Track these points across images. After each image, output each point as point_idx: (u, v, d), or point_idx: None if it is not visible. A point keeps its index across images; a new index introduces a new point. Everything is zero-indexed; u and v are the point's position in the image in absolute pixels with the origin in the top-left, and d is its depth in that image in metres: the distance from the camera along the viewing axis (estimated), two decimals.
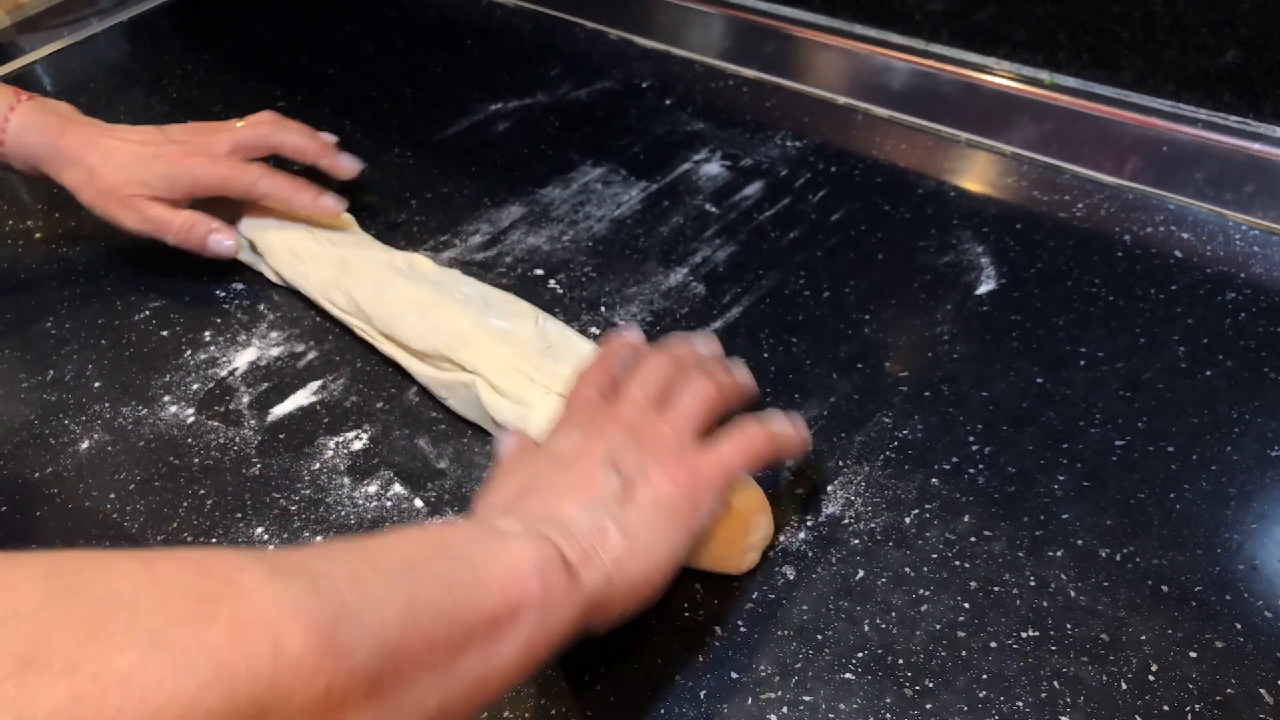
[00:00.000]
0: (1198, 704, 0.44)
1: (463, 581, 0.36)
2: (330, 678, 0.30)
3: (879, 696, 0.46)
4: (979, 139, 0.78)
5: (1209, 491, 0.53)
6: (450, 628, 0.34)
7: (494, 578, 0.37)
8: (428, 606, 0.34)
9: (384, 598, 0.33)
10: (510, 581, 0.37)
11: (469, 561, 0.37)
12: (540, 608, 0.37)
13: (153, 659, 0.26)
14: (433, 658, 0.34)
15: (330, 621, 0.30)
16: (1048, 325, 0.62)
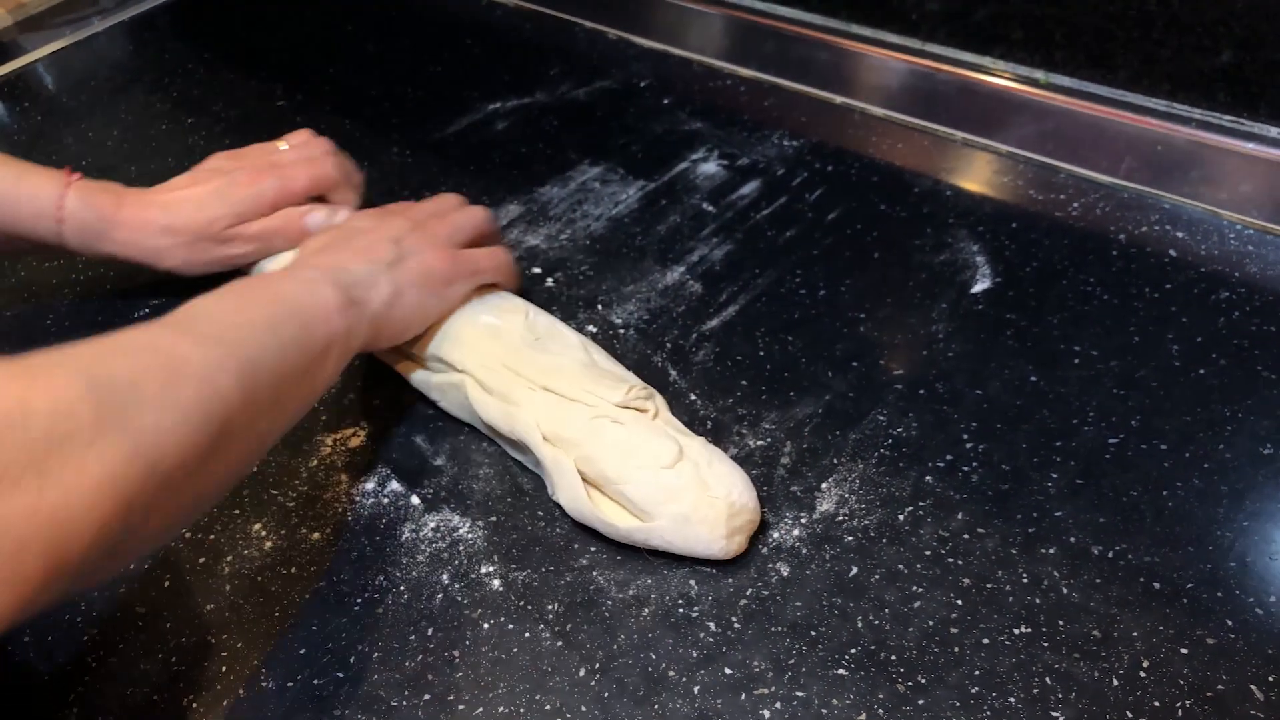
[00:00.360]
0: (1188, 700, 0.44)
1: (302, 324, 0.50)
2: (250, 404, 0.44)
3: (872, 692, 0.46)
4: (975, 138, 0.78)
5: (1201, 489, 0.53)
6: (303, 359, 0.49)
7: (317, 323, 0.50)
8: (291, 347, 0.48)
9: (268, 346, 0.47)
10: (326, 321, 0.51)
11: (299, 309, 0.50)
12: (344, 337, 0.52)
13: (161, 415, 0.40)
14: (298, 380, 0.49)
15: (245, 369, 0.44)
16: (1042, 324, 0.63)
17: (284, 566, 0.53)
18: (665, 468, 0.51)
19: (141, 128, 0.92)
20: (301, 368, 0.49)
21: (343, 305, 0.52)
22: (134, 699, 0.48)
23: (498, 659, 0.48)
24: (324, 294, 0.52)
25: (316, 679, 0.48)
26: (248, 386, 0.44)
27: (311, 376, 0.50)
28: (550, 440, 0.53)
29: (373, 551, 0.54)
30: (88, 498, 0.35)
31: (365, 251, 0.57)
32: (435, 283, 0.58)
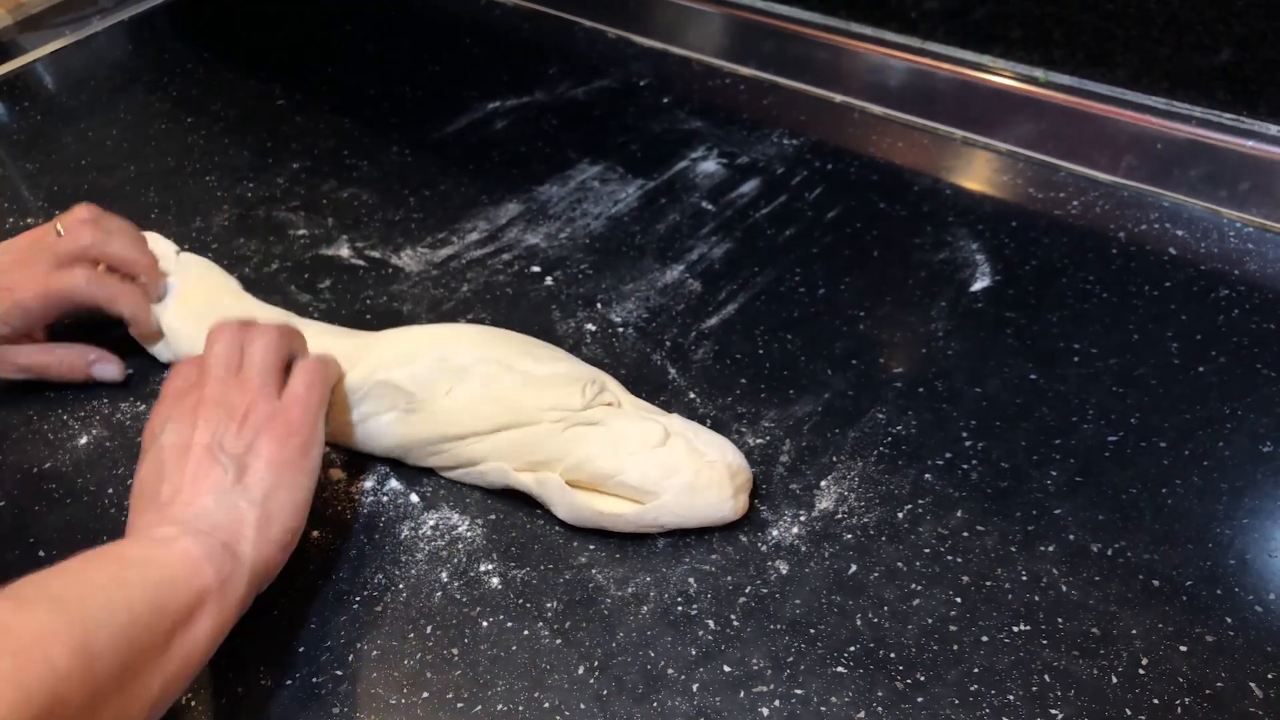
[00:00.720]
0: (1188, 697, 0.44)
1: (158, 582, 0.42)
2: (93, 682, 0.36)
3: (870, 690, 0.46)
4: (975, 137, 0.78)
5: (1200, 487, 0.53)
6: (161, 619, 0.41)
7: (178, 575, 0.43)
8: (143, 607, 0.40)
9: (112, 606, 0.39)
10: (191, 576, 0.43)
11: (155, 566, 0.43)
12: (218, 588, 0.44)
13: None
14: (155, 648, 0.40)
15: (81, 636, 0.37)
16: (1042, 322, 0.63)
17: None
18: (657, 447, 0.52)
19: (141, 127, 0.92)
20: (161, 631, 0.41)
21: (209, 553, 0.44)
22: None
23: (496, 657, 0.48)
24: (184, 547, 0.44)
25: (315, 677, 0.48)
26: (89, 658, 0.36)
27: (177, 642, 0.41)
28: (530, 468, 0.53)
29: (371, 550, 0.54)
30: None
31: (201, 480, 0.48)
32: (290, 466, 0.50)
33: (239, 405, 0.51)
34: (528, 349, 0.57)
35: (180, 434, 0.50)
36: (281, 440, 0.50)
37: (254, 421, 0.50)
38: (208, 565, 0.44)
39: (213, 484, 0.48)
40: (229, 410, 0.51)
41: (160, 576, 0.42)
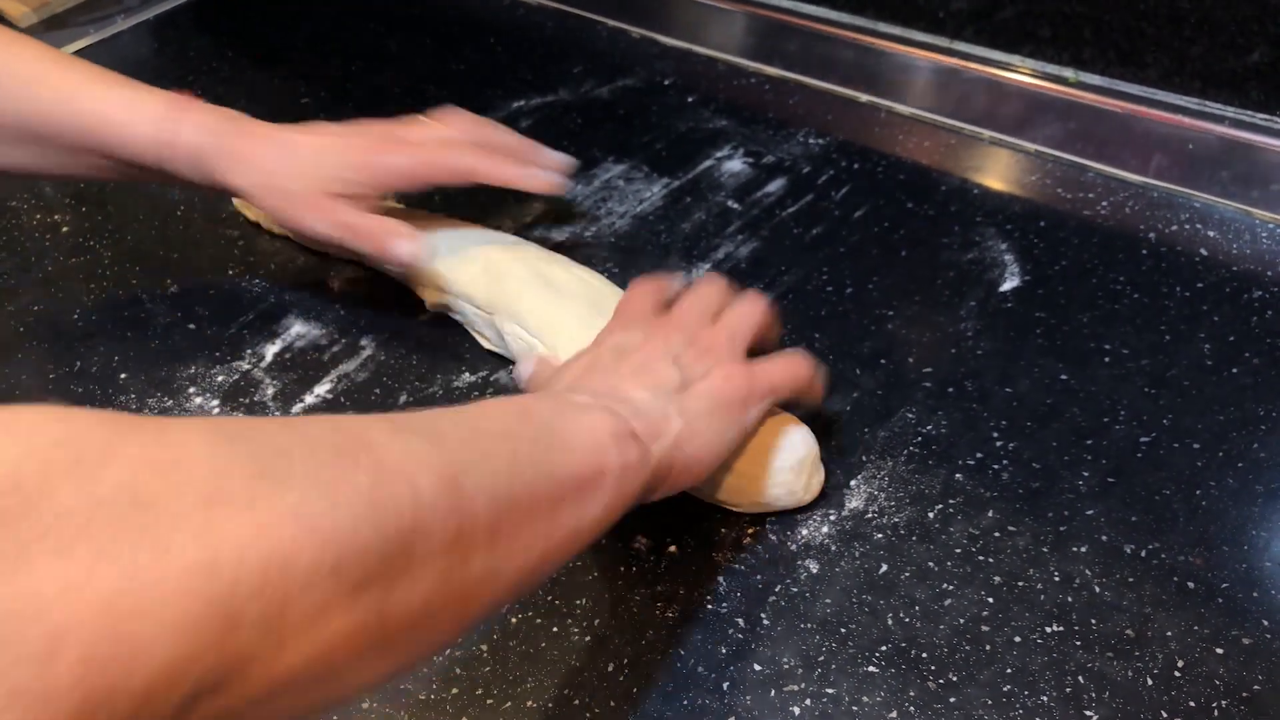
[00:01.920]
0: (1224, 700, 0.44)
1: (553, 445, 0.39)
2: (458, 521, 0.33)
3: (903, 690, 0.45)
4: (1002, 137, 0.78)
5: (1235, 489, 0.52)
6: (547, 483, 0.38)
7: (579, 443, 0.40)
8: (528, 465, 0.37)
9: (493, 453, 0.36)
10: (592, 447, 0.40)
11: (554, 428, 0.40)
12: (618, 472, 0.41)
13: (314, 496, 0.28)
14: (535, 510, 0.37)
15: (452, 470, 0.33)
16: (1072, 322, 0.62)
17: None
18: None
19: None
20: (547, 496, 0.37)
21: (619, 435, 0.42)
22: None
23: (526, 654, 0.48)
24: (593, 419, 0.42)
25: None
26: (457, 494, 0.33)
27: (562, 512, 0.38)
28: None
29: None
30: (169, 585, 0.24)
31: (642, 374, 0.47)
32: (731, 407, 0.48)
33: (703, 341, 0.50)
34: None
35: (633, 339, 0.50)
36: (733, 383, 0.48)
37: (714, 357, 0.49)
38: (613, 445, 0.41)
39: (654, 381, 0.46)
40: (692, 340, 0.50)
41: (557, 441, 0.39)
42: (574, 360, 0.50)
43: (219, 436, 0.28)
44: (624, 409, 0.43)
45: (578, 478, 0.39)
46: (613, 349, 0.49)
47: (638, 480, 0.42)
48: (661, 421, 0.45)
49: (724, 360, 0.49)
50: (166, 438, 0.27)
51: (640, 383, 0.46)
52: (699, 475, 0.47)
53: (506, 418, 0.40)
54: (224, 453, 0.28)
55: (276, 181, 0.61)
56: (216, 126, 0.61)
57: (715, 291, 0.55)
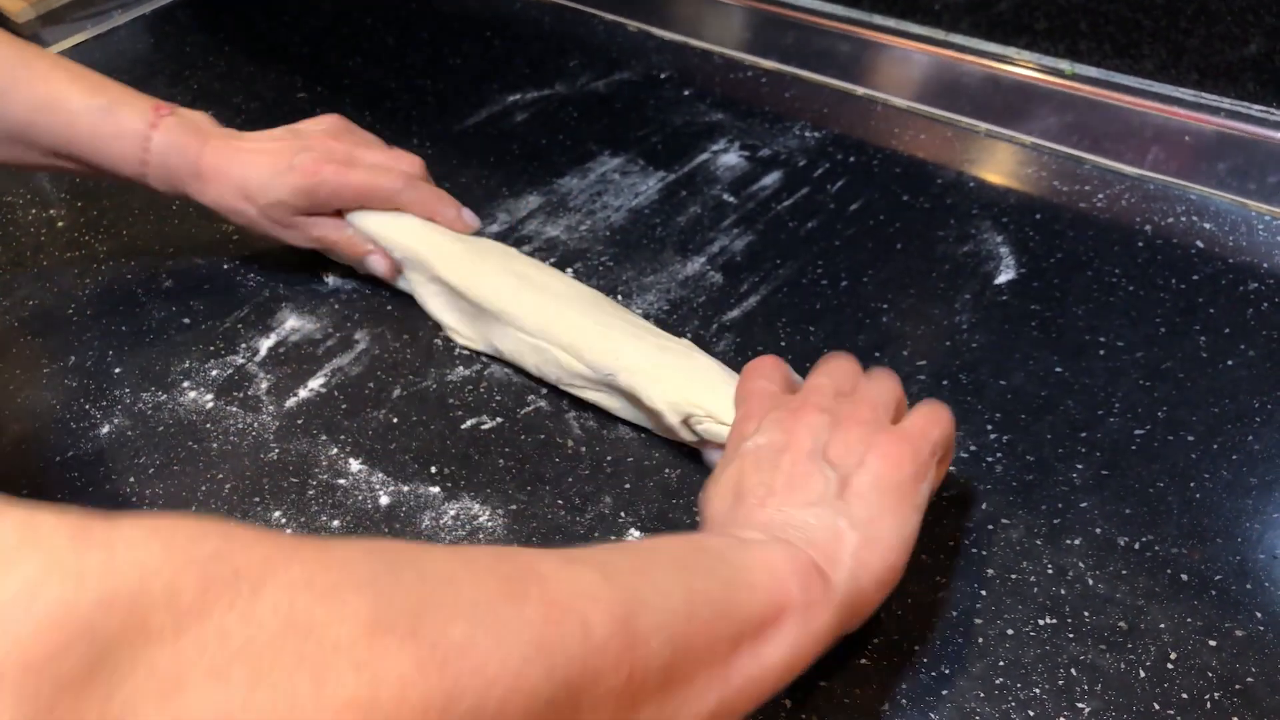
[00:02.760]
0: (1217, 692, 0.44)
1: (730, 580, 0.36)
2: (630, 664, 0.30)
3: (895, 683, 0.45)
4: (999, 129, 0.78)
5: (1229, 481, 0.52)
6: (726, 623, 0.35)
7: (756, 580, 0.37)
8: (705, 601, 0.34)
9: (668, 590, 0.33)
10: (771, 583, 0.37)
11: (730, 563, 0.37)
12: (802, 609, 0.37)
13: (481, 631, 0.27)
14: (712, 653, 0.34)
15: (626, 608, 0.31)
16: (1067, 315, 0.62)
17: None
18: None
19: None
20: (725, 638, 0.34)
21: (800, 569, 0.38)
22: None
23: None
24: (769, 553, 0.38)
25: None
26: (630, 636, 0.30)
27: (741, 656, 0.35)
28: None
29: (392, 539, 0.54)
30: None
31: (798, 489, 0.42)
32: (902, 491, 0.43)
33: (848, 418, 0.45)
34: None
35: (775, 436, 0.44)
36: (895, 463, 0.43)
37: (864, 436, 0.44)
38: (793, 580, 0.37)
39: (812, 493, 0.42)
40: (835, 420, 0.45)
41: (734, 577, 0.36)
42: (719, 480, 0.45)
43: (381, 561, 0.27)
44: (796, 535, 0.40)
45: (759, 617, 0.36)
46: (754, 460, 0.44)
47: (825, 613, 0.38)
48: (835, 543, 0.40)
49: (875, 436, 0.44)
50: (328, 558, 0.26)
51: (800, 499, 0.42)
52: (891, 583, 0.42)
53: (679, 550, 0.38)
54: (386, 579, 0.26)
55: (242, 203, 0.64)
56: (185, 144, 0.63)
57: (846, 363, 0.50)
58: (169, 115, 0.63)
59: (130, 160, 0.63)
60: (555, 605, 0.29)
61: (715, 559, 0.37)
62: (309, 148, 0.65)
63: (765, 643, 0.36)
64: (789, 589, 0.37)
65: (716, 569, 0.36)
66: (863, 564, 0.40)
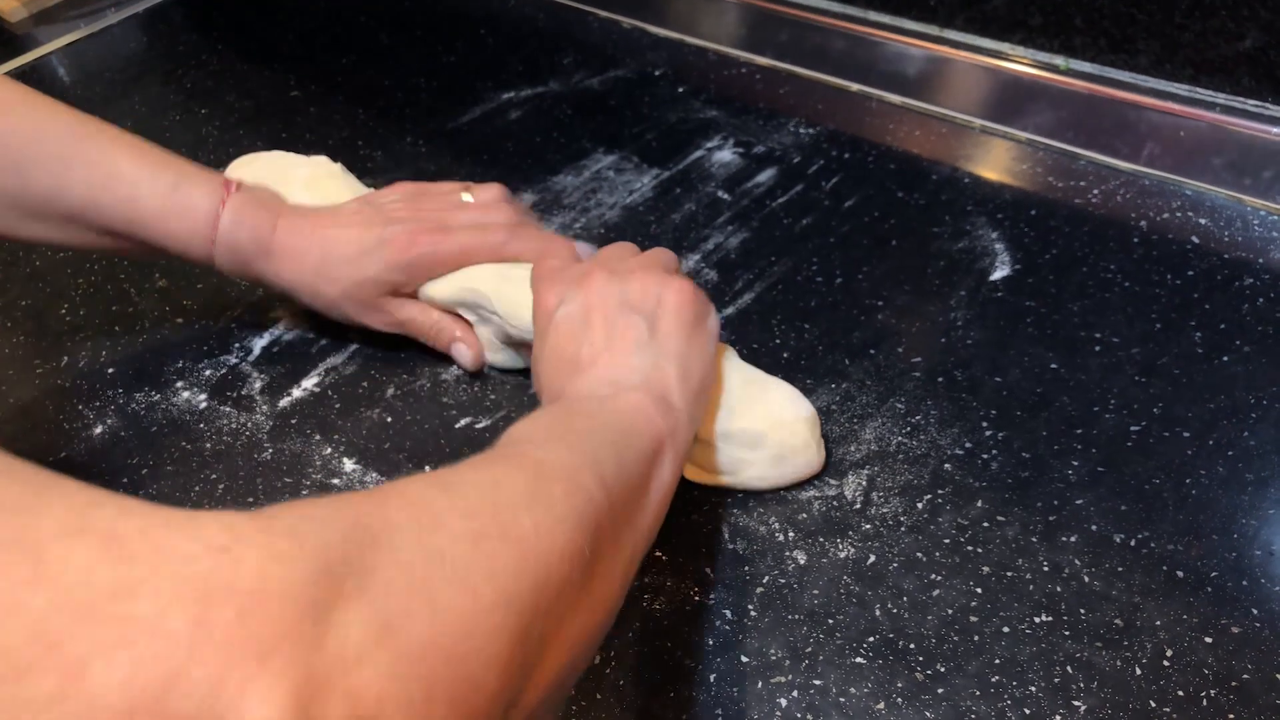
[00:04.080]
0: (1213, 689, 0.44)
1: (625, 431, 0.42)
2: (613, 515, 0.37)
3: (890, 681, 0.45)
4: (993, 125, 0.77)
5: (1225, 477, 0.52)
6: (639, 461, 0.41)
7: (636, 424, 0.43)
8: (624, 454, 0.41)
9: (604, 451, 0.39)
10: (645, 423, 0.43)
11: (618, 420, 0.43)
12: (669, 434, 0.44)
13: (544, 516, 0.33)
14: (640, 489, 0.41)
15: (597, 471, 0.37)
16: (1063, 311, 0.62)
17: None
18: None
19: (155, 119, 0.92)
20: (640, 473, 0.41)
21: (654, 401, 0.45)
22: None
23: None
24: (630, 400, 0.44)
25: None
26: (607, 490, 0.37)
27: (652, 485, 0.42)
28: None
29: None
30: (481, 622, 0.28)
31: (617, 338, 0.48)
32: (697, 325, 0.50)
33: (633, 270, 0.51)
34: None
35: (580, 300, 0.50)
36: (689, 299, 0.49)
37: (654, 279, 0.50)
38: (656, 413, 0.44)
39: (632, 338, 0.47)
40: (623, 276, 0.50)
41: (623, 423, 0.43)
42: (542, 356, 0.50)
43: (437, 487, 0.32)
44: (635, 378, 0.46)
45: (651, 451, 0.42)
46: (568, 328, 0.49)
47: (684, 435, 0.45)
48: (662, 378, 0.46)
49: (666, 279, 0.50)
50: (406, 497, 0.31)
51: (624, 349, 0.47)
52: (704, 405, 0.49)
53: (584, 419, 0.43)
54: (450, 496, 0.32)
55: (321, 286, 0.60)
56: (256, 221, 0.58)
57: (622, 245, 0.56)
58: (238, 192, 0.59)
59: (199, 240, 0.58)
60: (567, 480, 0.35)
61: (608, 419, 0.43)
62: (397, 219, 0.60)
63: (660, 469, 0.43)
64: (657, 423, 0.44)
65: (611, 425, 0.42)
66: (686, 388, 0.47)
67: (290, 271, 0.59)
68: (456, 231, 0.60)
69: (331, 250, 0.59)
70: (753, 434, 0.52)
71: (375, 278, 0.59)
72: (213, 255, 0.59)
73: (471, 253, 0.60)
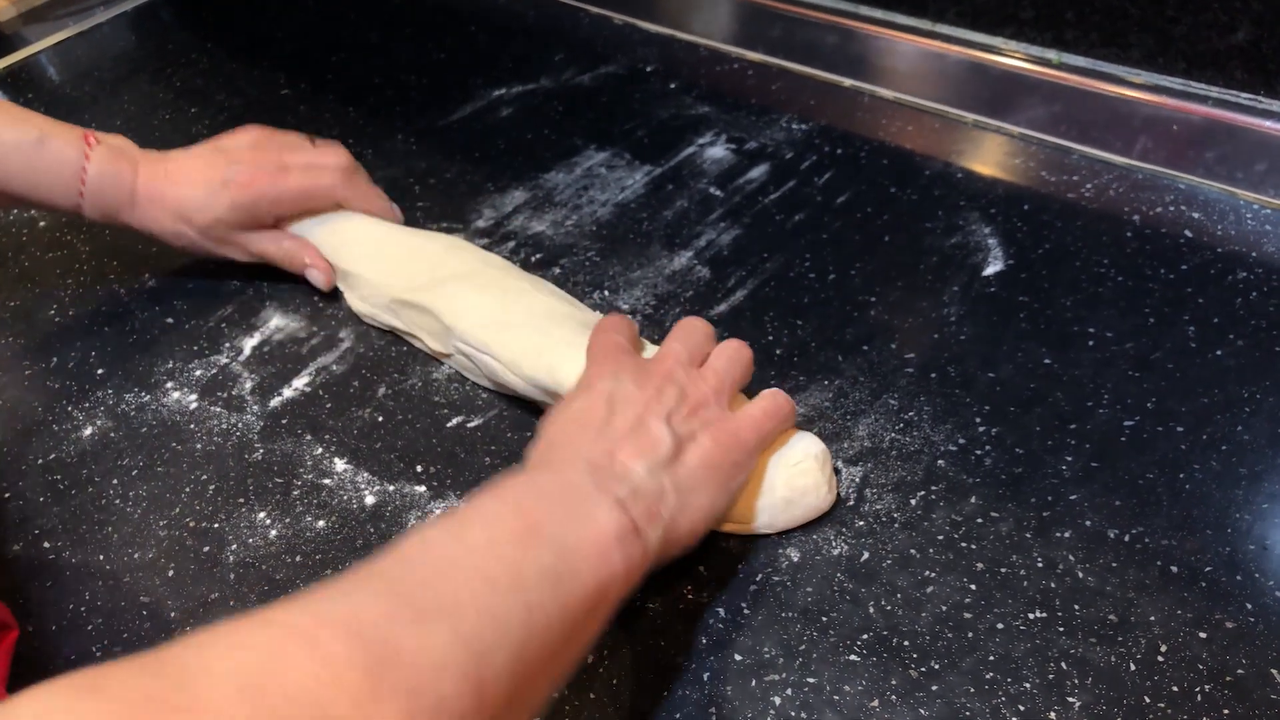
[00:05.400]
0: (1207, 685, 0.43)
1: (563, 574, 0.38)
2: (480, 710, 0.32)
3: (884, 678, 0.45)
4: (986, 120, 0.77)
5: (1219, 472, 0.52)
6: (562, 625, 0.37)
7: (586, 566, 0.39)
8: (541, 618, 0.36)
9: (509, 624, 0.35)
10: (600, 563, 0.39)
11: (565, 549, 0.39)
12: (623, 577, 0.40)
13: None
14: (553, 659, 0.37)
15: (476, 669, 0.32)
16: (1056, 306, 0.62)
17: (289, 555, 0.53)
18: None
19: (145, 117, 0.92)
20: (561, 637, 0.37)
21: (624, 536, 0.41)
22: None
23: None
24: (599, 524, 0.41)
25: None
26: (480, 690, 0.32)
27: (574, 642, 0.39)
28: None
29: (378, 539, 0.53)
30: None
31: (639, 439, 0.45)
32: (724, 472, 0.47)
33: (693, 395, 0.48)
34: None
35: (632, 390, 0.48)
36: (724, 446, 0.47)
37: (704, 416, 0.48)
38: (618, 553, 0.40)
39: (650, 450, 0.45)
40: (683, 395, 0.48)
41: (567, 568, 0.38)
42: (567, 405, 0.48)
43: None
44: (622, 489, 0.43)
45: (590, 601, 0.38)
46: (606, 399, 0.47)
47: (638, 576, 0.42)
48: (658, 502, 0.44)
49: (714, 419, 0.48)
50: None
51: (637, 450, 0.45)
52: (688, 547, 0.47)
53: (515, 546, 0.38)
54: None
55: (180, 225, 0.65)
56: (119, 170, 0.64)
57: (701, 333, 0.53)
58: (99, 144, 0.63)
59: (67, 192, 0.63)
60: (414, 693, 0.30)
61: (550, 547, 0.38)
62: (238, 161, 0.66)
63: (596, 620, 0.39)
64: (614, 564, 0.40)
65: (550, 564, 0.38)
66: (674, 525, 0.44)
67: (152, 219, 0.65)
68: (292, 172, 0.66)
69: (183, 195, 0.64)
70: (761, 478, 0.50)
71: (223, 217, 0.65)
72: (80, 206, 0.64)
73: (308, 193, 0.67)
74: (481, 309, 0.58)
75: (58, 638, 0.50)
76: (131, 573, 0.53)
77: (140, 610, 0.51)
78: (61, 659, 0.49)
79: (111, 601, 0.51)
